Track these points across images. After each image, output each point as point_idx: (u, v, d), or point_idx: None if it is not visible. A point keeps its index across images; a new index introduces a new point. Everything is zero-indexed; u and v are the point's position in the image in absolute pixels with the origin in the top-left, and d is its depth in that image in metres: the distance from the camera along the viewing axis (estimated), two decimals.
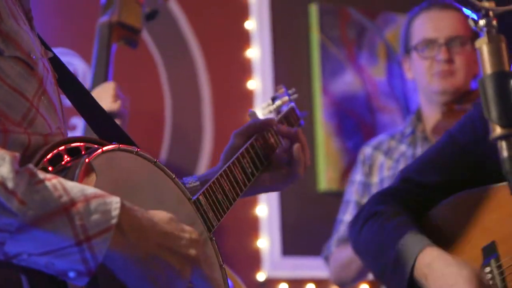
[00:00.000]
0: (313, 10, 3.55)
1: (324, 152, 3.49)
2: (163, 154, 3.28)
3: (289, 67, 3.53)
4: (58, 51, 3.11)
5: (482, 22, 1.29)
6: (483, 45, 1.28)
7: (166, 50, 3.33)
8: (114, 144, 1.25)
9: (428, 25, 2.79)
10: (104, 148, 1.22)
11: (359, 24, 3.62)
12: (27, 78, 1.24)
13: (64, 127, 1.32)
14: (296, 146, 1.75)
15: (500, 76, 1.27)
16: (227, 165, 1.61)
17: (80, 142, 1.24)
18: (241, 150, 1.68)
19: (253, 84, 3.44)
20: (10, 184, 1.07)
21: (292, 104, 1.91)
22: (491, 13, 1.29)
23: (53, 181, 1.10)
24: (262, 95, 3.43)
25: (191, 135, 3.36)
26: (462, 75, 2.74)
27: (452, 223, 1.84)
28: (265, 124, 1.76)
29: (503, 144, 1.25)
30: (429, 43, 2.76)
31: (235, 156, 1.65)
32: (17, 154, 1.11)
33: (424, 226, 1.84)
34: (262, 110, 1.92)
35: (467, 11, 1.32)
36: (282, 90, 1.95)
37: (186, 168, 3.32)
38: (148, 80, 3.30)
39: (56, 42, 3.04)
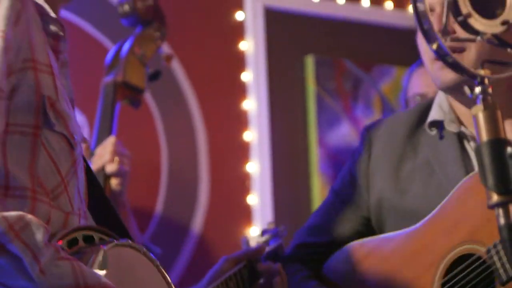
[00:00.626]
0: (309, 62, 3.58)
1: (320, 203, 3.49)
2: (159, 204, 3.28)
3: (285, 119, 3.55)
4: None
5: (477, 89, 1.31)
6: (478, 112, 1.30)
7: (163, 101, 3.34)
8: (125, 240, 1.36)
9: (421, 80, 2.83)
10: (117, 242, 1.34)
11: (355, 76, 3.65)
12: (66, 155, 1.35)
13: (84, 209, 1.41)
14: (276, 279, 1.87)
15: (496, 144, 1.28)
16: (215, 284, 1.79)
17: (96, 232, 1.35)
18: (229, 273, 1.85)
19: (249, 135, 3.46)
20: (38, 253, 1.18)
21: (281, 241, 2.05)
22: (486, 81, 1.31)
23: (73, 262, 1.21)
24: (258, 147, 3.44)
25: (187, 186, 3.36)
26: None
27: (350, 273, 1.88)
28: (256, 253, 1.93)
29: (500, 212, 1.25)
30: (420, 97, 2.79)
31: (223, 277, 1.83)
32: (49, 228, 1.22)
33: (323, 280, 1.91)
34: (252, 240, 2.08)
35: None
36: (273, 225, 2.11)
37: (182, 219, 3.32)
38: (145, 131, 3.31)
39: None
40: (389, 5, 3.72)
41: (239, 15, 3.52)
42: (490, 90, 1.31)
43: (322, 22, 3.65)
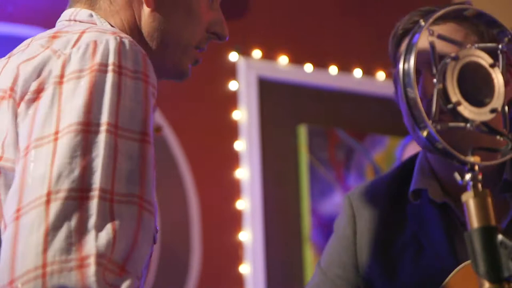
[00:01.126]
0: (302, 131, 3.60)
1: (312, 272, 3.47)
2: (151, 275, 3.26)
3: (277, 187, 3.55)
4: None
5: (467, 176, 1.31)
6: (469, 199, 1.30)
7: (156, 171, 3.34)
8: None
9: (415, 151, 2.83)
10: None
11: (348, 145, 3.67)
12: (149, 252, 1.25)
13: None
14: None
15: (487, 231, 1.27)
16: None
17: None
18: None
19: (242, 204, 3.46)
20: None
21: None
22: (476, 167, 1.31)
23: None
24: (251, 216, 3.44)
25: (179, 255, 3.35)
26: None
27: None
28: None
29: None
30: None
31: None
32: None
33: None
34: None
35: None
36: None
37: None
38: None
39: None
40: (381, 76, 3.76)
41: (232, 85, 3.55)
42: (480, 176, 1.31)
43: (315, 92, 3.68)
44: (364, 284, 1.85)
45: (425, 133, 1.32)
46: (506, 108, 1.34)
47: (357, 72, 3.76)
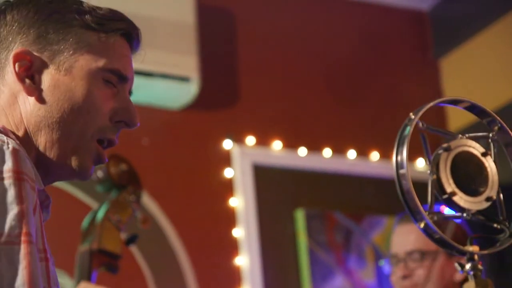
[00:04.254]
0: (300, 216, 3.59)
1: None
2: None
3: (278, 273, 3.53)
4: None
5: (468, 266, 1.31)
6: None
7: (154, 261, 3.33)
8: None
9: (395, 239, 2.77)
10: None
11: (346, 227, 3.66)
12: None
13: None
14: None
15: None
16: None
17: None
18: None
19: None
20: None
21: None
22: (476, 257, 1.31)
23: None
24: None
25: None
26: None
27: None
28: None
29: None
30: (392, 258, 2.70)
31: None
32: None
33: None
34: None
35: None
36: None
37: None
38: None
39: None
40: (375, 156, 3.78)
41: (228, 172, 3.56)
42: (480, 266, 1.31)
43: (310, 176, 3.69)
44: None
45: (422, 225, 1.32)
46: (501, 195, 1.35)
47: (351, 154, 3.78)
